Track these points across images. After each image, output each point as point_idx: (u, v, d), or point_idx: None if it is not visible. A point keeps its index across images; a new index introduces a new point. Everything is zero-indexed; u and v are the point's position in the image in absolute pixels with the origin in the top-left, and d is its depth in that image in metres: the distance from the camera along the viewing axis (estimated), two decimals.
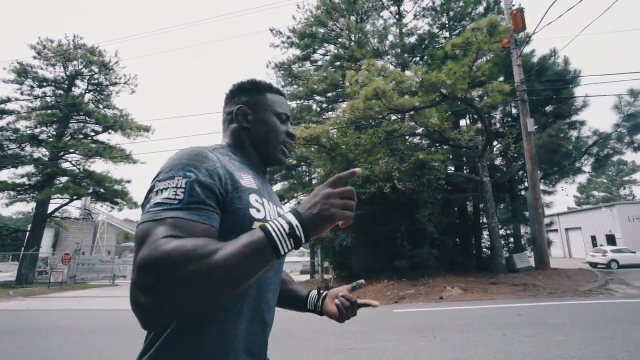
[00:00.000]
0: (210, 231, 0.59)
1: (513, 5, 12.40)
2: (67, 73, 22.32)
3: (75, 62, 22.47)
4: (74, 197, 20.05)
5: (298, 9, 20.26)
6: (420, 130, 10.26)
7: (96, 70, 22.79)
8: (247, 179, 0.74)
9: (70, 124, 22.60)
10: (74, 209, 27.95)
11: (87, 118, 21.91)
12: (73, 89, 22.71)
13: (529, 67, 12.30)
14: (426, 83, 8.38)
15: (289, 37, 20.77)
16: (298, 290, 1.00)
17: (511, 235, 11.59)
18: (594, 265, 22.07)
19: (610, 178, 47.43)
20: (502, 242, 10.28)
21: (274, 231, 0.55)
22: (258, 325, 0.73)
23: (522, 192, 12.83)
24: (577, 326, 4.45)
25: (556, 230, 34.45)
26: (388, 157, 9.56)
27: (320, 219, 0.57)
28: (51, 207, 20.61)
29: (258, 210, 0.71)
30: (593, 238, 29.21)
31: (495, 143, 12.77)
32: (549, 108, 12.46)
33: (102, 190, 21.39)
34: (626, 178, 46.59)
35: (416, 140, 11.48)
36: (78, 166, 22.14)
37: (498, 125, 12.84)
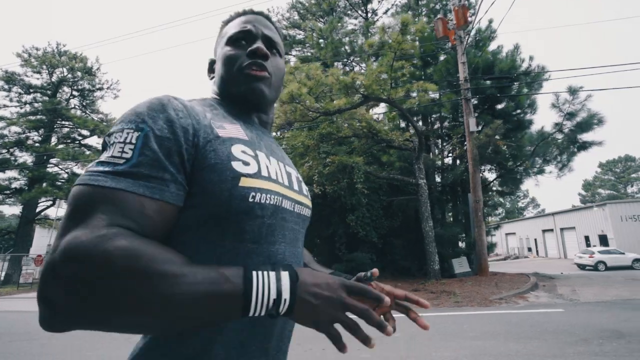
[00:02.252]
0: (163, 210, 0.48)
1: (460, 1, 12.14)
2: (52, 80, 23.06)
3: (59, 69, 23.18)
4: (56, 199, 20.70)
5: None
6: (345, 131, 10.12)
7: (79, 76, 23.45)
8: (230, 129, 0.60)
9: (56, 129, 23.41)
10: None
11: (67, 123, 22.57)
12: (58, 95, 23.46)
13: (487, 65, 11.98)
14: (342, 84, 8.27)
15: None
16: (320, 270, 0.80)
17: (454, 239, 11.30)
18: (582, 267, 21.38)
19: (617, 175, 45.58)
20: (435, 246, 10.03)
21: (257, 291, 0.44)
22: (268, 320, 0.57)
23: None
24: (425, 338, 4.29)
25: (552, 230, 33.46)
26: (313, 161, 9.48)
27: (312, 314, 0.47)
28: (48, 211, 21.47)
29: (246, 164, 0.56)
30: (587, 238, 28.23)
31: (445, 144, 12.48)
32: (500, 107, 12.09)
33: None
34: (634, 175, 44.68)
35: (359, 142, 11.32)
36: (66, 170, 22.91)
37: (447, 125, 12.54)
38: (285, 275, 0.47)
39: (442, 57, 13.89)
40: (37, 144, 21.94)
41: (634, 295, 7.07)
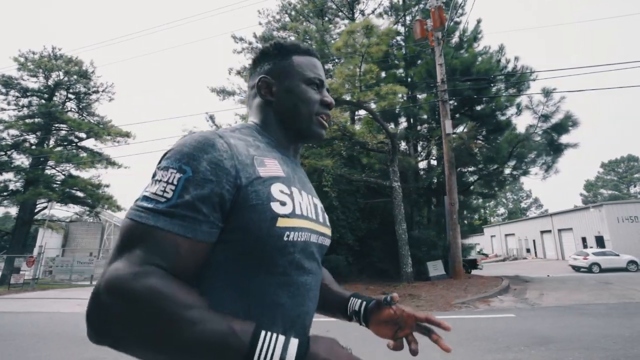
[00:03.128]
0: (195, 248, 0.53)
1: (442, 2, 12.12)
2: (49, 83, 23.42)
3: (55, 73, 23.52)
4: (49, 201, 21.02)
5: (260, 15, 20.27)
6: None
7: (74, 79, 23.78)
8: (270, 166, 0.63)
9: (53, 132, 23.79)
10: (71, 212, 29.38)
11: (63, 126, 22.90)
12: (54, 98, 23.82)
13: (466, 66, 11.93)
14: None
15: (250, 43, 20.97)
16: (339, 292, 0.85)
17: (430, 242, 11.26)
18: (577, 268, 21.17)
19: (620, 175, 44.88)
20: (409, 249, 10.03)
21: (259, 355, 0.46)
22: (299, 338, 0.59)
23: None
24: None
25: (550, 231, 33.11)
26: None
27: None
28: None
29: (283, 204, 0.60)
30: (584, 239, 27.91)
31: (424, 146, 12.44)
32: (479, 108, 12.02)
33: (78, 194, 22.34)
34: (637, 175, 43.94)
35: (336, 145, 11.34)
36: (63, 172, 23.27)
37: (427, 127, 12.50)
38: (293, 345, 0.48)
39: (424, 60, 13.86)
40: (33, 147, 22.30)
41: (596, 300, 7.01)
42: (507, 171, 12.46)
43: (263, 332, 0.47)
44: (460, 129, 12.66)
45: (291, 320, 0.61)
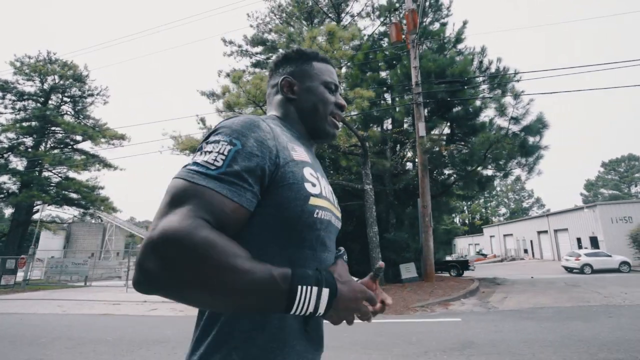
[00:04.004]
0: (238, 211, 0.58)
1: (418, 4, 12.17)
2: (44, 87, 23.80)
3: (50, 77, 23.89)
4: (42, 203, 21.37)
5: (248, 17, 20.43)
6: None
7: (69, 83, 24.15)
8: (300, 152, 0.71)
9: (49, 135, 24.19)
10: (67, 214, 29.82)
11: (57, 129, 23.24)
12: (50, 102, 24.22)
13: (442, 69, 11.94)
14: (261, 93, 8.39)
15: (240, 46, 21.13)
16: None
17: (403, 244, 11.30)
18: (569, 270, 21.01)
19: (620, 175, 44.32)
20: (380, 252, 10.08)
21: (298, 304, 0.55)
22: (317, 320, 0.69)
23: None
24: None
25: (546, 232, 32.85)
26: None
27: (336, 319, 0.60)
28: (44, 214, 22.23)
29: (314, 185, 0.67)
30: (579, 240, 27.67)
31: (400, 149, 12.47)
32: (455, 110, 12.01)
33: (73, 196, 22.67)
34: (637, 175, 43.37)
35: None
36: (59, 175, 23.65)
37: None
38: (325, 293, 0.56)
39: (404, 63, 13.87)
40: (29, 150, 22.68)
41: (553, 303, 7.01)
42: (489, 172, 12.48)
43: (299, 287, 0.54)
44: (437, 131, 12.70)
45: None
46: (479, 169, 11.17)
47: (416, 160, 11.66)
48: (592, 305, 6.59)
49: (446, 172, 12.13)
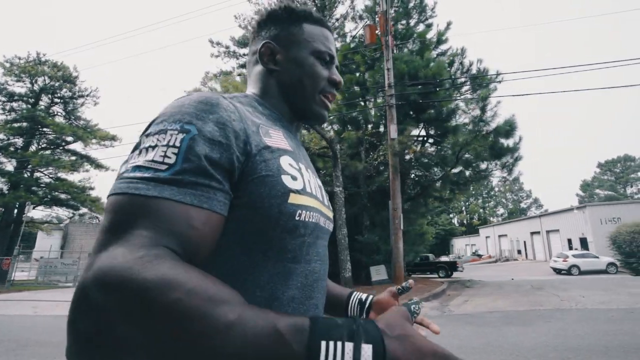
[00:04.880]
0: (211, 221, 0.43)
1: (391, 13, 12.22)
2: (34, 88, 23.99)
3: (40, 78, 24.08)
4: (25, 203, 21.52)
5: (236, 19, 20.49)
6: None
7: (58, 84, 24.34)
8: (276, 137, 0.56)
9: (38, 136, 24.39)
10: (61, 214, 30.02)
11: (47, 130, 23.42)
12: (40, 102, 24.41)
13: (416, 70, 11.96)
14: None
15: (227, 47, 21.21)
16: (337, 292, 0.78)
17: (374, 247, 11.35)
18: (558, 271, 21.02)
19: (616, 175, 44.13)
20: (348, 254, 10.13)
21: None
22: None
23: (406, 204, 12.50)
24: None
25: (538, 233, 32.80)
26: None
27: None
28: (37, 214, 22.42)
29: (294, 178, 0.52)
30: (569, 241, 27.62)
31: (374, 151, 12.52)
32: (429, 112, 12.04)
33: (62, 197, 22.85)
34: (633, 175, 43.19)
35: None
36: (50, 175, 23.84)
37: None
38: (367, 350, 0.34)
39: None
40: (18, 150, 22.87)
41: (508, 308, 7.03)
42: (467, 173, 12.50)
43: (323, 343, 0.34)
44: (415, 132, 12.73)
45: (300, 314, 0.51)
46: (453, 170, 11.20)
47: (386, 162, 11.71)
48: (543, 309, 6.61)
49: (420, 174, 12.15)
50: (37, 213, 29.00)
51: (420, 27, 16.53)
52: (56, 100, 24.82)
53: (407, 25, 16.41)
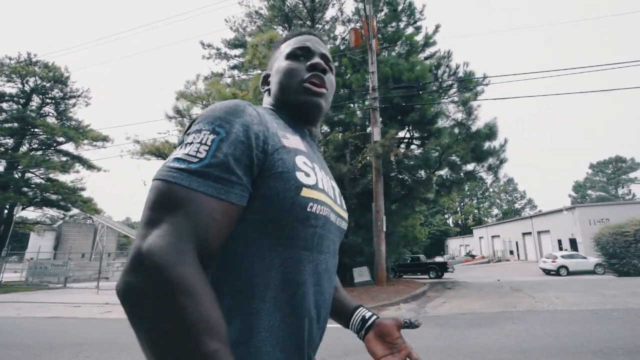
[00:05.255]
0: (228, 211, 0.51)
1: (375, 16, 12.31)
2: (25, 89, 23.90)
3: (31, 79, 23.99)
4: (18, 204, 21.43)
5: (226, 22, 20.53)
6: None
7: (49, 85, 24.27)
8: (293, 140, 0.64)
9: (29, 136, 24.31)
10: (50, 214, 29.91)
11: (37, 130, 23.35)
12: (31, 103, 24.34)
13: (400, 73, 12.05)
14: (222, 98, 8.55)
15: (218, 49, 21.23)
16: (345, 302, 0.82)
17: (357, 248, 11.43)
18: (547, 271, 21.17)
19: (608, 176, 44.47)
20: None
21: None
22: (315, 322, 0.60)
23: (392, 206, 12.61)
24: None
25: (530, 234, 33.02)
26: None
27: None
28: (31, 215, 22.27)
29: (307, 175, 0.60)
30: (559, 242, 27.85)
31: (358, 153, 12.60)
32: (412, 115, 12.14)
33: (52, 197, 22.76)
34: (624, 177, 43.53)
35: None
36: (42, 176, 23.73)
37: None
38: None
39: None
40: (9, 151, 22.77)
41: (482, 310, 7.10)
42: (451, 176, 12.62)
43: None
44: (401, 134, 12.84)
45: (309, 300, 0.58)
46: (439, 172, 11.31)
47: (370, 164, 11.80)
48: (515, 311, 6.69)
49: (403, 176, 12.26)
50: (31, 214, 28.89)
51: (410, 30, 16.65)
52: (47, 100, 24.77)
53: (397, 28, 16.50)
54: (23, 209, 21.74)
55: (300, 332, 0.57)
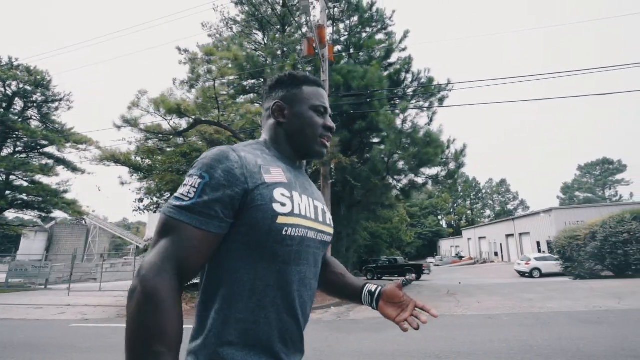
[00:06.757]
0: (207, 238, 0.67)
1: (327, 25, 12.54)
2: (6, 92, 24.17)
3: (13, 82, 24.27)
4: None
5: (203, 28, 20.76)
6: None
7: (31, 89, 24.55)
8: (275, 174, 0.76)
9: (14, 140, 24.61)
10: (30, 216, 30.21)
11: (18, 133, 23.63)
12: (14, 107, 24.63)
13: (346, 81, 12.25)
14: (167, 108, 8.79)
15: (195, 54, 21.41)
16: (353, 284, 1.00)
17: None
18: (522, 274, 21.35)
19: (595, 178, 44.58)
20: None
21: None
22: (291, 319, 0.74)
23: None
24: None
25: (513, 235, 33.20)
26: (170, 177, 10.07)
27: None
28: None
29: (283, 205, 0.73)
30: (538, 244, 28.02)
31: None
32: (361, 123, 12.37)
33: (33, 200, 23.03)
34: (610, 178, 43.65)
35: None
36: (25, 179, 24.01)
37: None
38: None
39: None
40: None
41: None
42: (399, 183, 12.89)
43: None
44: (357, 140, 13.09)
45: (289, 302, 0.73)
46: (396, 178, 11.55)
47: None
48: (449, 315, 6.88)
49: (354, 183, 12.51)
50: (24, 216, 29.07)
51: (380, 36, 16.90)
52: (29, 104, 25.08)
53: (370, 34, 16.69)
54: (2, 212, 22.00)
55: (282, 326, 0.72)
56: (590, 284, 11.01)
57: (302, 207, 0.77)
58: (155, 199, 11.13)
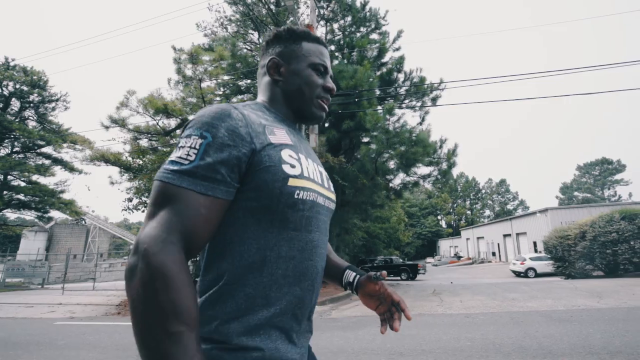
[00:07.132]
0: (213, 204, 0.59)
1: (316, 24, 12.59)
2: (3, 92, 24.34)
3: (10, 83, 24.43)
4: None
5: (198, 28, 20.83)
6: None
7: (27, 89, 24.71)
8: (280, 135, 0.71)
9: (12, 139, 24.76)
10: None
11: (14, 134, 23.78)
12: (10, 107, 24.79)
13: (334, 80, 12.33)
14: (155, 108, 8.88)
15: (190, 54, 21.50)
16: (335, 265, 0.94)
17: None
18: (517, 274, 21.37)
19: (594, 178, 44.46)
20: None
21: None
22: (305, 292, 0.68)
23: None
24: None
25: (510, 235, 33.19)
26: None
27: None
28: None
29: (292, 166, 0.67)
30: (535, 244, 28.01)
31: None
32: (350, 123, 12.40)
33: (29, 200, 23.18)
34: (610, 178, 43.51)
35: None
36: (22, 179, 24.17)
37: None
38: None
39: None
40: None
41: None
42: (397, 182, 12.94)
43: None
44: (347, 141, 13.13)
45: (301, 272, 0.67)
46: (374, 180, 11.59)
47: None
48: (429, 314, 6.91)
49: (342, 182, 12.55)
50: (24, 216, 29.22)
51: (374, 36, 16.96)
52: (26, 105, 25.24)
53: (363, 34, 16.75)
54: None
55: (294, 298, 0.66)
56: (576, 283, 11.03)
57: (309, 170, 0.72)
58: (144, 199, 11.20)
